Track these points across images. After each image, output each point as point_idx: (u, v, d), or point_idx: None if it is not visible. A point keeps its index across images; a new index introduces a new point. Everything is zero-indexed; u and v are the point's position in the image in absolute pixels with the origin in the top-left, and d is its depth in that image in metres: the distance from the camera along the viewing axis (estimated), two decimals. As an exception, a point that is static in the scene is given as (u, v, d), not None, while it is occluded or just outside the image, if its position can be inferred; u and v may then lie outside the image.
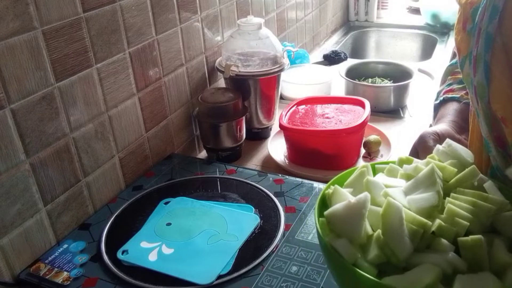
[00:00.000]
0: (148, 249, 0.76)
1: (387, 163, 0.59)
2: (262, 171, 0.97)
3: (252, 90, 1.14)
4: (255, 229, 0.79)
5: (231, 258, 0.73)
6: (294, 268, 0.70)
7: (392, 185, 0.52)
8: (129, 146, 0.95)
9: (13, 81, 0.69)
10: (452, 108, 0.76)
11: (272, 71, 1.12)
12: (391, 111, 1.35)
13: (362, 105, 1.11)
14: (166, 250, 0.75)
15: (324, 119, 1.08)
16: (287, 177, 0.94)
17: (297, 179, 0.93)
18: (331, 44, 2.07)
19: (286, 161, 1.09)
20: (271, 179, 0.93)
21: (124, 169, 0.94)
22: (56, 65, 0.75)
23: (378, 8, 2.32)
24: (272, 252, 0.74)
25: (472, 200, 0.48)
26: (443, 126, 0.72)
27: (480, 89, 0.53)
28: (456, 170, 0.52)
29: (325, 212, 0.49)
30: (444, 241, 0.45)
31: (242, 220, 0.81)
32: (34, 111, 0.73)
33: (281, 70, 1.14)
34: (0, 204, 0.70)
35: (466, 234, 0.46)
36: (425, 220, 0.46)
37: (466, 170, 0.51)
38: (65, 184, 0.81)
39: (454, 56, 0.85)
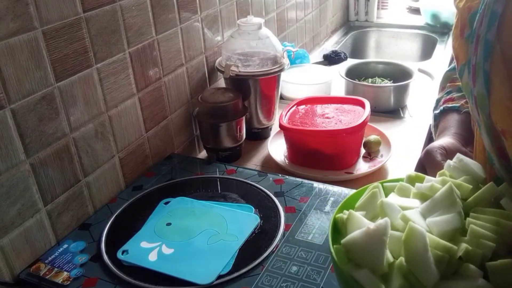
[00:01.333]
0: (148, 249, 0.76)
1: (396, 181, 0.56)
2: (262, 171, 0.97)
3: (252, 90, 1.14)
4: (255, 229, 0.79)
5: (231, 258, 0.73)
6: (294, 268, 0.70)
7: (407, 206, 0.49)
8: (129, 146, 0.95)
9: (13, 81, 0.69)
10: (454, 120, 0.74)
11: (272, 71, 1.12)
12: (391, 111, 1.35)
13: (362, 105, 1.11)
14: (166, 250, 0.75)
15: (324, 119, 1.08)
16: (287, 177, 0.94)
17: (297, 179, 0.93)
18: (331, 44, 2.07)
19: (286, 161, 1.09)
20: (271, 179, 0.93)
21: (124, 169, 0.94)
22: (56, 65, 0.75)
23: (378, 8, 2.32)
24: (272, 252, 0.74)
25: (494, 219, 0.45)
26: (448, 140, 0.69)
27: (481, 100, 0.51)
28: (471, 186, 0.50)
29: (343, 241, 0.46)
30: (472, 266, 0.43)
31: (242, 220, 0.81)
32: (34, 111, 0.73)
33: (281, 70, 1.14)
34: (0, 204, 0.70)
35: (493, 256, 0.44)
36: (450, 245, 0.43)
37: (485, 187, 0.49)
38: (65, 184, 0.81)
39: (452, 60, 0.84)
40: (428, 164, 0.67)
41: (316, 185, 0.90)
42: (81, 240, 0.80)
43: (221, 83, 1.24)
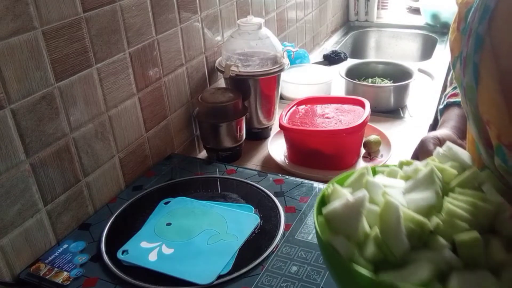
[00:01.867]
0: (148, 249, 0.76)
1: (388, 166, 0.59)
2: (262, 171, 0.97)
3: (252, 90, 1.14)
4: (255, 229, 0.79)
5: (231, 258, 0.73)
6: (294, 268, 0.70)
7: (392, 185, 0.52)
8: (129, 146, 0.95)
9: (13, 81, 0.69)
10: (454, 113, 0.76)
11: (272, 71, 1.12)
12: (391, 111, 1.35)
13: (362, 105, 1.11)
14: (166, 250, 0.75)
15: (324, 119, 1.08)
16: (287, 177, 0.94)
17: (297, 179, 0.93)
18: (331, 44, 2.07)
19: (286, 161, 1.09)
20: (271, 179, 0.93)
21: (124, 169, 0.94)
22: (56, 65, 0.75)
23: (378, 8, 2.32)
24: (272, 252, 0.74)
25: (471, 201, 0.47)
26: (444, 131, 0.72)
27: (469, 91, 0.52)
28: (456, 172, 0.52)
29: (324, 211, 0.49)
30: (440, 239, 0.45)
31: (242, 220, 0.81)
32: (34, 111, 0.73)
33: (281, 70, 1.14)
34: (0, 204, 0.70)
35: None
36: (422, 219, 0.46)
37: (468, 172, 0.51)
38: (65, 184, 0.81)
39: None
40: (421, 152, 0.70)
41: (316, 185, 0.90)
42: (81, 240, 0.80)
43: (221, 83, 1.24)
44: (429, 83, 1.57)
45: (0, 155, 0.69)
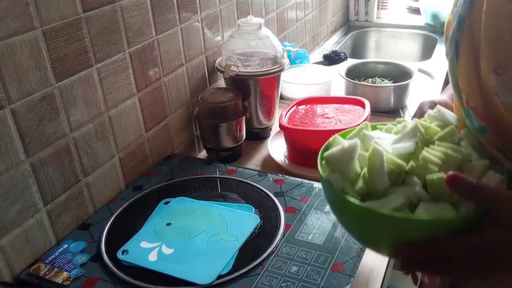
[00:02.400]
0: (148, 249, 0.76)
1: (386, 124, 0.68)
2: (262, 171, 0.97)
3: (252, 90, 1.14)
4: (255, 229, 0.79)
5: (231, 258, 0.73)
6: (294, 268, 0.70)
7: (384, 138, 0.62)
8: (129, 146, 0.95)
9: (13, 81, 0.69)
10: None
11: (272, 71, 1.12)
12: (391, 111, 1.35)
13: (362, 105, 1.11)
14: (166, 250, 0.75)
15: (324, 119, 1.08)
16: (287, 177, 0.94)
17: (297, 179, 0.93)
18: (331, 44, 2.07)
19: (286, 161, 1.09)
20: (271, 179, 0.93)
21: (124, 169, 0.94)
22: (56, 65, 0.75)
23: (378, 8, 2.32)
24: (272, 252, 0.74)
25: (444, 151, 0.57)
26: (441, 97, 0.80)
27: (451, 63, 0.62)
28: (439, 130, 0.62)
29: (324, 154, 0.60)
30: (414, 177, 0.56)
31: (242, 220, 0.81)
32: (34, 111, 0.73)
33: (281, 70, 1.14)
34: (0, 204, 0.70)
35: None
36: (401, 162, 0.56)
37: (446, 129, 0.61)
38: (65, 184, 0.81)
39: None
40: (417, 114, 0.79)
41: (316, 185, 0.90)
42: (81, 240, 0.80)
43: (221, 83, 1.24)
44: (429, 83, 1.57)
45: (0, 155, 0.69)
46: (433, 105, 0.76)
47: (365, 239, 0.62)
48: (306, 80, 1.40)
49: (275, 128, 1.20)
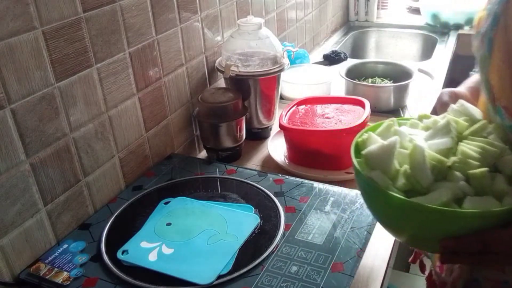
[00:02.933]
0: (148, 249, 0.76)
1: (408, 119, 0.70)
2: (262, 171, 0.97)
3: (252, 90, 1.14)
4: (255, 229, 0.79)
5: (231, 258, 0.73)
6: (294, 268, 0.70)
7: (415, 134, 0.64)
8: (129, 146, 0.95)
9: (13, 81, 0.69)
10: (473, 78, 0.85)
11: (272, 71, 1.12)
12: (391, 111, 1.35)
13: (362, 105, 1.11)
14: (166, 250, 0.75)
15: (324, 119, 1.08)
16: (287, 177, 0.94)
17: (297, 179, 0.93)
18: (331, 44, 2.07)
19: (286, 161, 1.09)
20: (271, 179, 0.93)
21: (124, 169, 0.94)
22: (56, 65, 0.75)
23: (378, 8, 2.32)
24: (272, 252, 0.74)
25: (481, 145, 0.59)
26: (460, 88, 0.81)
27: (483, 60, 0.63)
28: (467, 124, 0.64)
29: (363, 151, 0.62)
30: (457, 173, 0.58)
31: (242, 220, 0.81)
32: (34, 111, 0.73)
33: (281, 70, 1.14)
34: (0, 204, 0.70)
35: None
36: (442, 158, 0.58)
37: (478, 123, 0.63)
38: (65, 184, 0.81)
39: None
40: (437, 104, 0.79)
41: (316, 185, 0.90)
42: (81, 240, 0.80)
43: (221, 83, 1.24)
44: (429, 83, 1.57)
45: (0, 155, 0.69)
46: (452, 94, 0.78)
47: (408, 234, 0.64)
48: (306, 80, 1.40)
49: (275, 128, 1.20)
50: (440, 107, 0.77)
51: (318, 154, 1.04)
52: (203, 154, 1.19)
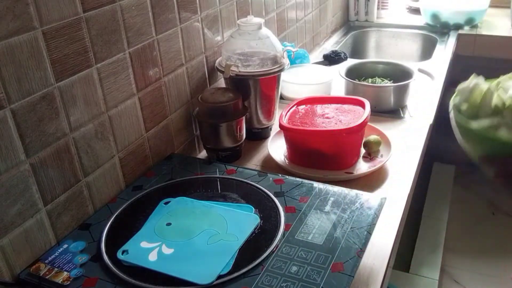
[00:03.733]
0: (148, 249, 0.76)
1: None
2: (262, 171, 0.97)
3: (252, 90, 1.15)
4: (255, 229, 0.79)
5: (231, 258, 0.73)
6: (294, 268, 0.70)
7: None
8: (129, 146, 0.95)
9: (13, 81, 0.69)
10: None
11: (272, 71, 1.12)
12: (391, 111, 1.35)
13: (362, 105, 1.11)
14: (166, 250, 0.75)
15: (324, 119, 1.08)
16: (287, 177, 0.94)
17: (297, 179, 0.93)
18: (331, 44, 2.07)
19: (286, 161, 1.09)
20: (271, 179, 0.93)
21: (124, 169, 0.94)
22: (56, 65, 0.75)
23: (378, 8, 2.32)
24: (272, 252, 0.74)
25: None
26: None
27: None
28: None
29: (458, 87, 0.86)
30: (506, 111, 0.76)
31: (242, 220, 0.81)
32: (34, 111, 0.73)
33: (281, 70, 1.14)
34: (0, 204, 0.70)
35: None
36: (504, 100, 0.76)
37: None
38: (65, 184, 0.81)
39: None
40: None
41: (316, 185, 0.90)
42: (81, 240, 0.80)
43: (221, 83, 1.24)
44: (429, 83, 1.57)
45: (0, 155, 0.69)
46: None
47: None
48: (306, 80, 1.40)
49: (275, 128, 1.20)
50: None
51: (318, 154, 1.04)
52: (203, 154, 1.19)
